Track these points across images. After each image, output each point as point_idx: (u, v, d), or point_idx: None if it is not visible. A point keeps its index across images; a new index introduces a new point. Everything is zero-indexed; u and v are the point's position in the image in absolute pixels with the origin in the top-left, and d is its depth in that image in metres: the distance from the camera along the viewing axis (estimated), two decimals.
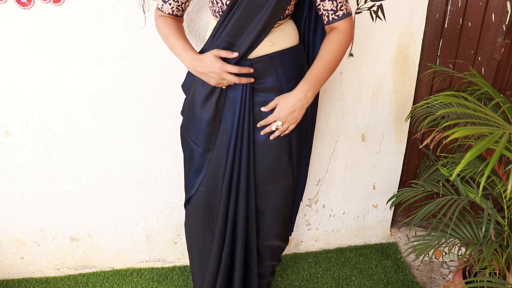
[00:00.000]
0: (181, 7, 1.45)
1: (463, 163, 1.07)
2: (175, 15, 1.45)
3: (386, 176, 2.22)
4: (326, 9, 1.38)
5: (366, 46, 1.87)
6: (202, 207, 1.63)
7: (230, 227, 1.60)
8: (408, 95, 2.03)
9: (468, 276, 1.85)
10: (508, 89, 1.99)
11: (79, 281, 2.11)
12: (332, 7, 1.37)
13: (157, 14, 1.48)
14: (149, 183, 1.99)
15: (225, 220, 1.59)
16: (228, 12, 1.34)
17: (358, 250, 2.32)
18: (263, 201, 1.59)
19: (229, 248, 1.64)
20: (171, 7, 1.44)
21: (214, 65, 1.35)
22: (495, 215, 1.58)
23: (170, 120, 1.86)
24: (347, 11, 1.39)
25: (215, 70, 1.36)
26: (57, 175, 1.91)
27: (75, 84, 1.74)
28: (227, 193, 1.55)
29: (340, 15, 1.38)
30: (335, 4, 1.37)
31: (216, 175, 1.54)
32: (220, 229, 1.61)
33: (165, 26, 1.44)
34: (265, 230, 1.66)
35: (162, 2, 1.44)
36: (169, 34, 1.43)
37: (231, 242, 1.63)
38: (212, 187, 1.57)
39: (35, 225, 2.01)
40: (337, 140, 2.07)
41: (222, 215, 1.58)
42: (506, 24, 1.83)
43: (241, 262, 1.67)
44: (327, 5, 1.37)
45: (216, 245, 1.63)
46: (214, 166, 1.54)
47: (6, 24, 1.60)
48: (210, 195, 1.59)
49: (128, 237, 2.11)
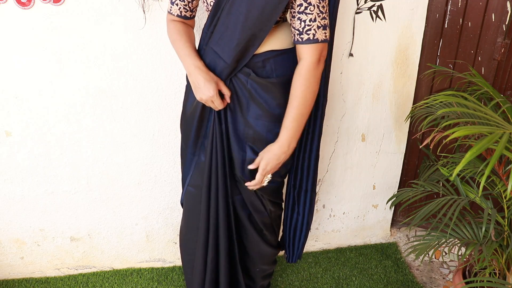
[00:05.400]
0: (188, 6, 1.43)
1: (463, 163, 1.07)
2: (184, 16, 1.44)
3: (386, 176, 2.22)
4: (294, 27, 1.27)
5: (366, 46, 1.88)
6: (190, 207, 1.64)
7: (212, 232, 1.59)
8: (408, 95, 2.03)
9: (468, 276, 1.85)
10: (508, 89, 1.99)
11: (79, 281, 2.11)
12: (299, 27, 1.26)
13: (168, 18, 1.47)
14: (149, 183, 1.99)
15: (207, 223, 1.58)
16: (213, 16, 1.33)
17: (358, 250, 2.32)
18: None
19: (213, 254, 1.62)
20: (179, 8, 1.43)
21: (209, 90, 1.34)
22: (495, 215, 1.58)
23: (170, 120, 1.86)
24: (314, 37, 1.25)
25: (206, 93, 1.35)
26: (57, 175, 1.91)
27: (75, 84, 1.74)
28: (207, 195, 1.54)
29: (304, 38, 1.26)
30: (302, 25, 1.24)
31: (200, 177, 1.55)
32: (202, 234, 1.60)
33: (175, 31, 1.44)
34: (249, 235, 1.65)
35: (170, 4, 1.44)
36: (177, 39, 1.43)
37: (215, 247, 1.61)
38: (198, 189, 1.58)
39: (35, 225, 2.01)
40: (337, 140, 2.07)
41: (204, 217, 1.58)
42: (506, 24, 1.83)
43: (226, 268, 1.65)
44: (296, 23, 1.26)
45: (200, 248, 1.63)
46: (198, 168, 1.55)
47: (6, 24, 1.60)
48: (196, 197, 1.59)
49: (128, 237, 2.11)
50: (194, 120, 1.49)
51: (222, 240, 1.60)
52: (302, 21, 1.24)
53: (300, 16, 1.24)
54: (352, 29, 1.82)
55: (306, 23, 1.24)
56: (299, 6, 1.24)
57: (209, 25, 1.36)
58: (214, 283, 1.69)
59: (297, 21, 1.25)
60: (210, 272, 1.65)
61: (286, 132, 1.37)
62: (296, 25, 1.27)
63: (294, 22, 1.27)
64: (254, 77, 1.37)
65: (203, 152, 1.52)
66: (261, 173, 1.42)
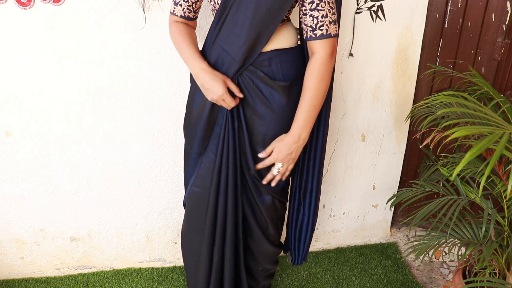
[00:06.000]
0: (192, 7, 1.44)
1: (463, 163, 1.07)
2: (187, 17, 1.45)
3: (386, 176, 2.22)
4: (306, 24, 1.31)
5: (366, 46, 1.88)
6: (194, 208, 1.63)
7: (220, 231, 1.59)
8: (408, 95, 2.03)
9: (468, 276, 1.85)
10: (508, 89, 1.99)
11: (79, 281, 2.11)
12: (311, 24, 1.30)
13: (171, 19, 1.48)
14: (149, 183, 1.99)
15: (214, 223, 1.59)
16: (221, 14, 1.35)
17: (358, 250, 2.32)
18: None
19: (220, 253, 1.63)
20: (182, 9, 1.43)
21: (219, 89, 1.36)
22: (495, 215, 1.58)
23: (170, 120, 1.86)
24: (327, 32, 1.30)
25: (216, 93, 1.36)
26: (57, 175, 1.91)
27: (75, 84, 1.74)
28: (215, 195, 1.55)
29: (317, 34, 1.30)
30: (315, 21, 1.29)
31: (207, 176, 1.55)
32: (209, 233, 1.60)
33: (177, 32, 1.44)
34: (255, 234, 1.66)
35: (173, 5, 1.44)
36: (180, 41, 1.43)
37: (221, 247, 1.62)
38: (204, 189, 1.58)
39: (35, 225, 2.01)
40: (337, 140, 2.07)
41: (211, 217, 1.58)
42: (506, 24, 1.83)
43: (231, 266, 1.65)
44: (308, 20, 1.30)
45: (206, 248, 1.63)
46: (205, 168, 1.55)
47: (6, 24, 1.60)
48: (202, 197, 1.59)
49: (128, 237, 2.11)
50: (202, 120, 1.49)
51: (228, 239, 1.61)
52: (314, 17, 1.29)
53: (312, 13, 1.29)
54: (352, 29, 1.82)
55: (318, 19, 1.29)
56: (311, 3, 1.28)
57: (217, 23, 1.37)
58: (219, 282, 1.69)
59: (309, 18, 1.30)
60: (215, 272, 1.65)
61: (298, 123, 1.40)
62: (309, 22, 1.30)
63: (306, 19, 1.31)
64: (261, 77, 1.39)
65: (212, 152, 1.52)
66: (271, 158, 1.44)
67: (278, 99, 1.42)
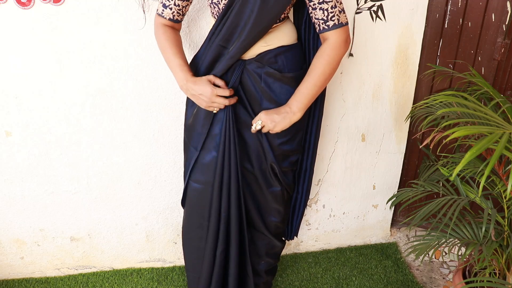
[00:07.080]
0: (181, 11, 1.46)
1: (463, 163, 1.07)
2: (175, 20, 1.47)
3: (386, 176, 2.22)
4: (317, 17, 1.36)
5: (366, 46, 1.87)
6: (195, 204, 1.65)
7: (223, 225, 1.62)
8: (408, 95, 2.03)
9: (468, 276, 1.85)
10: (508, 89, 1.99)
11: (79, 281, 2.11)
12: (322, 17, 1.35)
13: (157, 21, 1.48)
14: (149, 183, 1.99)
15: (218, 217, 1.61)
16: (222, 16, 1.38)
17: (358, 250, 2.32)
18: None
19: (223, 246, 1.65)
20: (172, 12, 1.45)
21: (205, 88, 1.40)
22: (495, 215, 1.58)
23: (170, 120, 1.86)
24: (339, 22, 1.35)
25: (206, 94, 1.40)
26: (57, 175, 1.91)
27: (75, 84, 1.74)
28: (218, 190, 1.57)
29: (330, 25, 1.35)
30: (326, 14, 1.34)
31: (208, 172, 1.57)
32: (213, 227, 1.62)
33: (164, 38, 1.46)
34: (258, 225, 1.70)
35: (162, 7, 1.45)
36: (167, 48, 1.45)
37: (225, 240, 1.65)
38: (206, 184, 1.59)
39: (35, 225, 2.01)
40: (337, 140, 2.07)
41: (215, 212, 1.60)
42: (506, 24, 1.83)
43: (236, 261, 1.68)
44: (318, 14, 1.35)
45: (210, 243, 1.65)
46: (207, 164, 1.57)
47: (6, 24, 1.60)
48: (204, 193, 1.61)
49: (128, 237, 2.11)
50: (198, 126, 1.53)
51: (233, 234, 1.63)
52: (324, 10, 1.33)
53: (322, 6, 1.33)
54: (352, 29, 1.82)
55: (329, 11, 1.33)
56: None
57: (218, 25, 1.41)
58: (222, 278, 1.71)
59: (319, 11, 1.34)
60: (218, 266, 1.67)
61: (295, 96, 1.43)
62: (319, 15, 1.35)
63: (316, 13, 1.35)
64: (271, 73, 1.44)
65: (214, 149, 1.54)
66: (258, 117, 1.45)
67: (287, 91, 1.46)
